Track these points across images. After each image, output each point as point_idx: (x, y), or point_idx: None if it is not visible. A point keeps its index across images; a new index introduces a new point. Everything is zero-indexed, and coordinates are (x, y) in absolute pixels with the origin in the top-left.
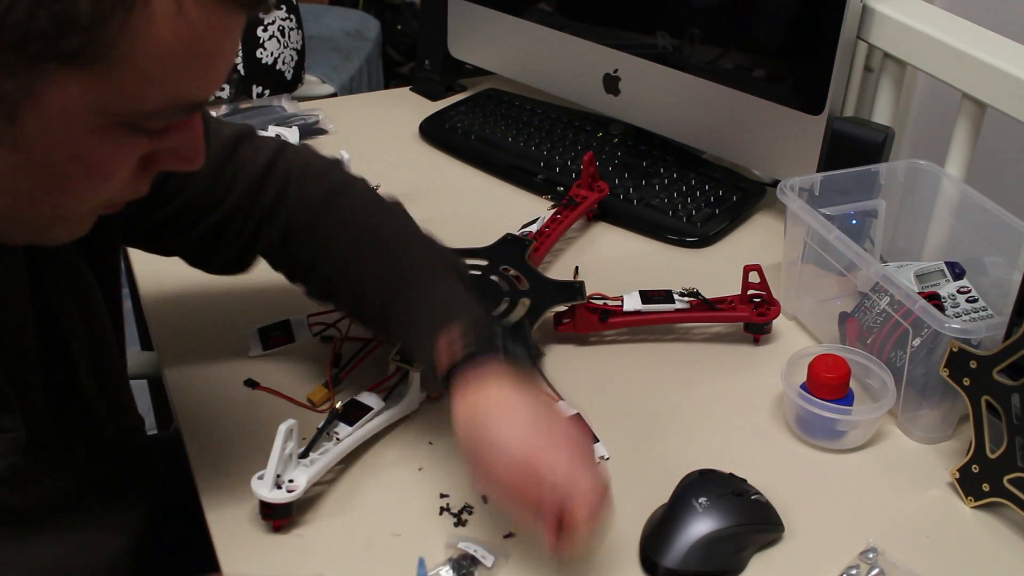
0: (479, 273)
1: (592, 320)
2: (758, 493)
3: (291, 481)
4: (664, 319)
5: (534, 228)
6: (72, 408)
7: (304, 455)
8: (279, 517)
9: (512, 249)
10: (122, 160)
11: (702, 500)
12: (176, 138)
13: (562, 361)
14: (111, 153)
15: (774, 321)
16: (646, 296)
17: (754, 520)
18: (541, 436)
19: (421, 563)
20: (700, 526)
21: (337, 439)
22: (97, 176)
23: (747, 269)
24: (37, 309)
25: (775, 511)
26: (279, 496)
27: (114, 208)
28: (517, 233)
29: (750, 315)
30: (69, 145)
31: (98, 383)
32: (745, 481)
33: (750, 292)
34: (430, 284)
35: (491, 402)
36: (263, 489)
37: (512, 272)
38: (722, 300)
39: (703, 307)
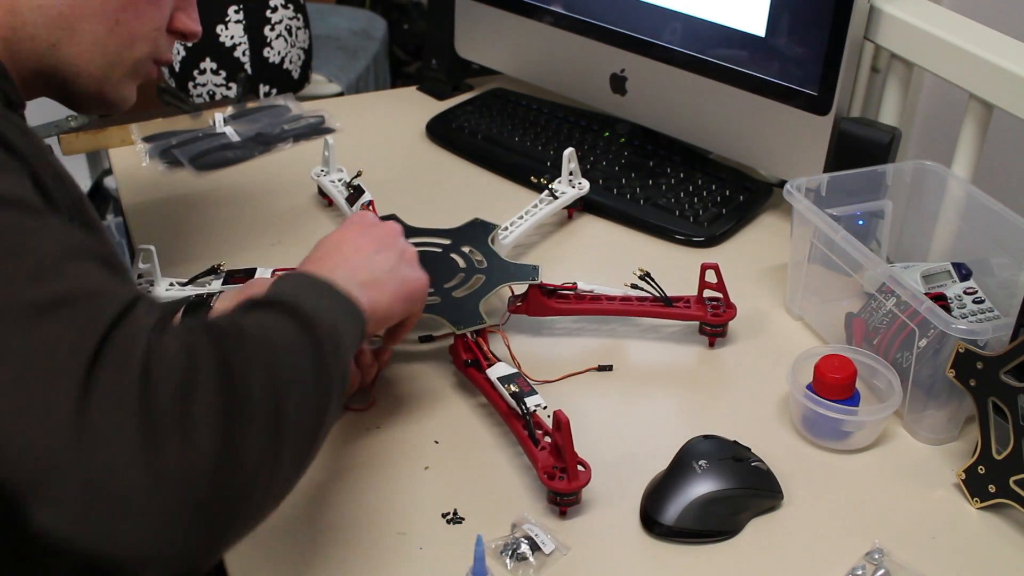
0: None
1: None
2: (759, 460)
3: None
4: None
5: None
6: None
7: None
8: None
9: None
10: None
11: (702, 463)
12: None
13: (562, 361)
14: None
15: (780, 321)
16: None
17: (752, 484)
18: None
19: (479, 540)
20: (698, 487)
21: None
22: (155, 4)
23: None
24: None
25: (775, 478)
26: None
27: (151, 75)
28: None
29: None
30: None
31: None
32: (748, 449)
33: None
34: None
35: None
36: None
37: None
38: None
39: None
